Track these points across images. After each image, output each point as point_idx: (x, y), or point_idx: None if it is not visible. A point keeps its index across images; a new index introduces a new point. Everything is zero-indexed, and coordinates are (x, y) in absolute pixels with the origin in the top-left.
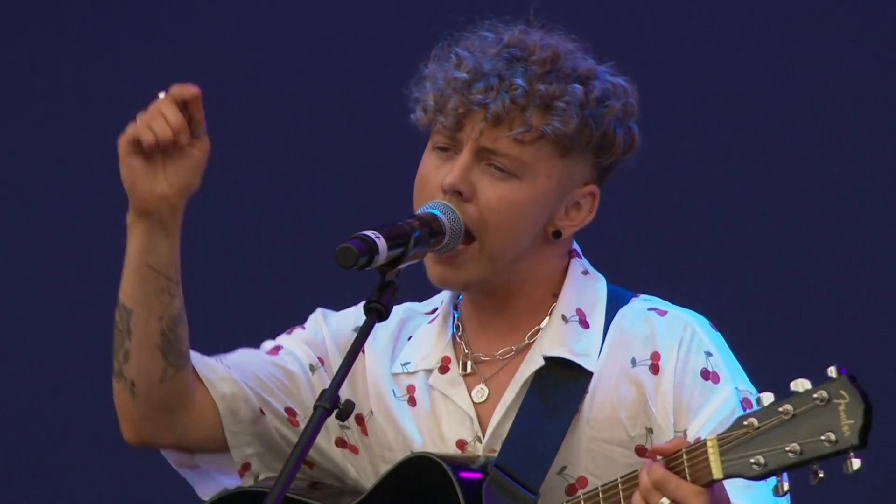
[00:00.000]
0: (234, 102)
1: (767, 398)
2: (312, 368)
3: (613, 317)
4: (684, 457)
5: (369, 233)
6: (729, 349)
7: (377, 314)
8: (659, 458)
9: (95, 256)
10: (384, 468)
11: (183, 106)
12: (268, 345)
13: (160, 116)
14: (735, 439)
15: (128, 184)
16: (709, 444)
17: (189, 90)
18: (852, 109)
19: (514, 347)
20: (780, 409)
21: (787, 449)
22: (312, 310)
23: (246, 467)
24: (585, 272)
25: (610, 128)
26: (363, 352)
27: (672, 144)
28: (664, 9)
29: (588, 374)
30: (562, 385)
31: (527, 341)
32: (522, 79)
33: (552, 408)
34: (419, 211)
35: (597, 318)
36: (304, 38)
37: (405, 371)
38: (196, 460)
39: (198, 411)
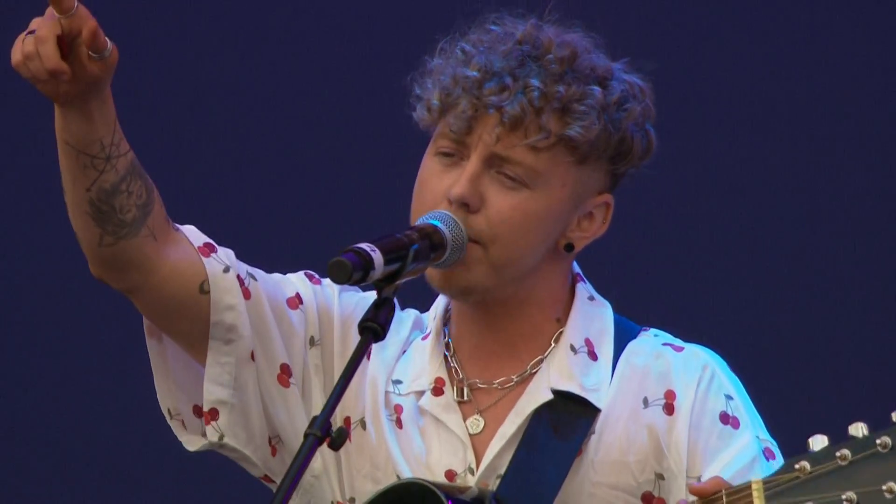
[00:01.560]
0: (225, 105)
1: (821, 441)
2: (312, 342)
3: (622, 350)
4: (724, 499)
5: (364, 245)
6: (748, 396)
7: (372, 334)
8: (693, 499)
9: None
10: (360, 483)
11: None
12: (289, 286)
13: (36, 57)
14: (783, 483)
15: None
16: (753, 486)
17: (75, 22)
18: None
19: (514, 377)
20: (838, 455)
21: (844, 498)
22: None
23: (213, 413)
24: (591, 298)
25: (628, 133)
26: (367, 357)
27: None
28: (677, 7)
29: (595, 412)
30: (567, 421)
31: (528, 371)
32: (538, 79)
33: (555, 446)
34: (419, 222)
35: (605, 349)
36: (299, 36)
37: (396, 392)
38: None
39: (170, 289)
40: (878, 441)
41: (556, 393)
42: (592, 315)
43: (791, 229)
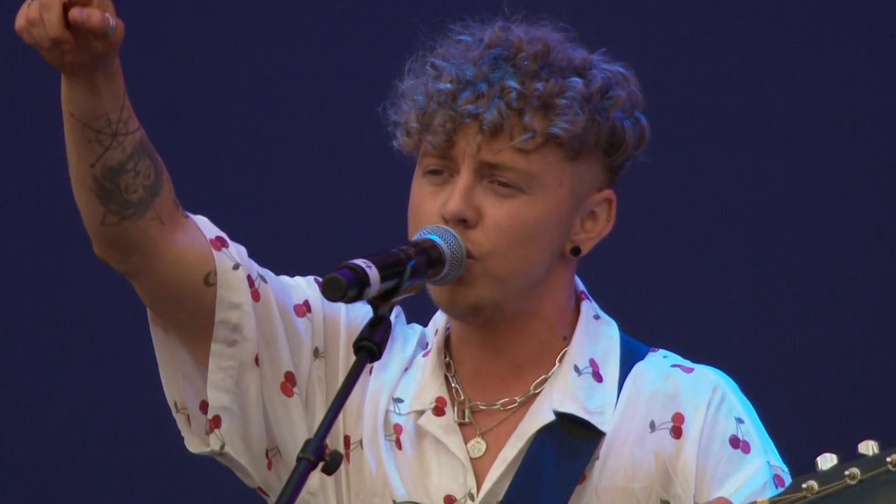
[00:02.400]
0: (230, 106)
1: (830, 460)
2: (317, 353)
3: (628, 372)
4: None
5: (359, 261)
6: (759, 420)
7: (368, 354)
8: None
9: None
10: None
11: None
12: (298, 291)
13: (39, 23)
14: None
15: None
16: None
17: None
18: None
19: (517, 399)
20: (847, 473)
21: None
22: None
23: (217, 421)
24: (597, 316)
25: (618, 121)
26: (369, 371)
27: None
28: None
29: (600, 436)
30: (569, 445)
31: (532, 391)
32: (514, 79)
33: (557, 471)
34: (416, 237)
35: (610, 370)
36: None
37: (396, 410)
38: (169, 334)
39: (175, 274)
40: (888, 460)
41: (559, 415)
42: (598, 334)
43: (801, 242)
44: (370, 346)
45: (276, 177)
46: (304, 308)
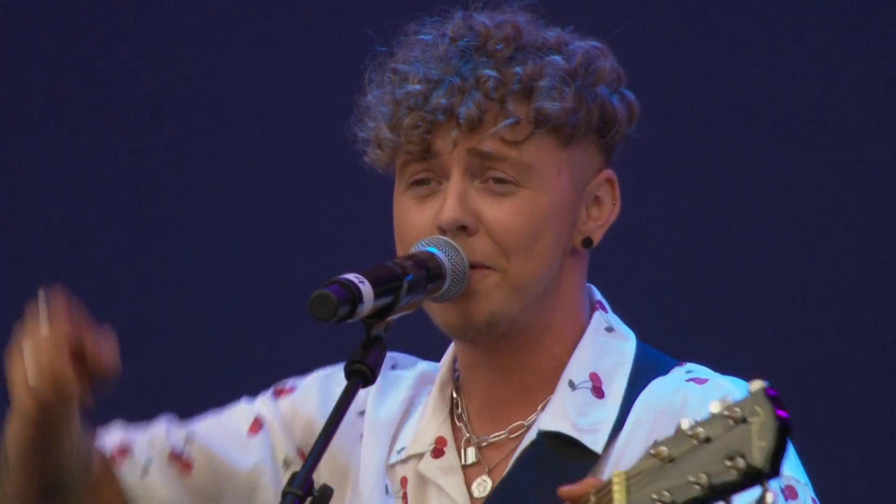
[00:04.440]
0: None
1: (685, 424)
2: (287, 463)
3: (643, 387)
4: (592, 499)
5: (351, 276)
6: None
7: (361, 378)
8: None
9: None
10: None
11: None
12: (245, 412)
13: (34, 364)
14: (643, 472)
15: None
16: (615, 479)
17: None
18: None
19: (524, 422)
20: (691, 433)
21: (692, 479)
22: (285, 366)
23: None
24: (610, 329)
25: (606, 98)
26: (361, 435)
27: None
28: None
29: (594, 457)
30: (556, 468)
31: (539, 410)
32: (488, 68)
33: (541, 497)
34: (413, 249)
35: (615, 387)
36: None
37: (400, 459)
38: None
39: None
40: (726, 414)
41: (545, 434)
42: (607, 348)
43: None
44: (363, 369)
45: (263, 179)
46: (257, 426)
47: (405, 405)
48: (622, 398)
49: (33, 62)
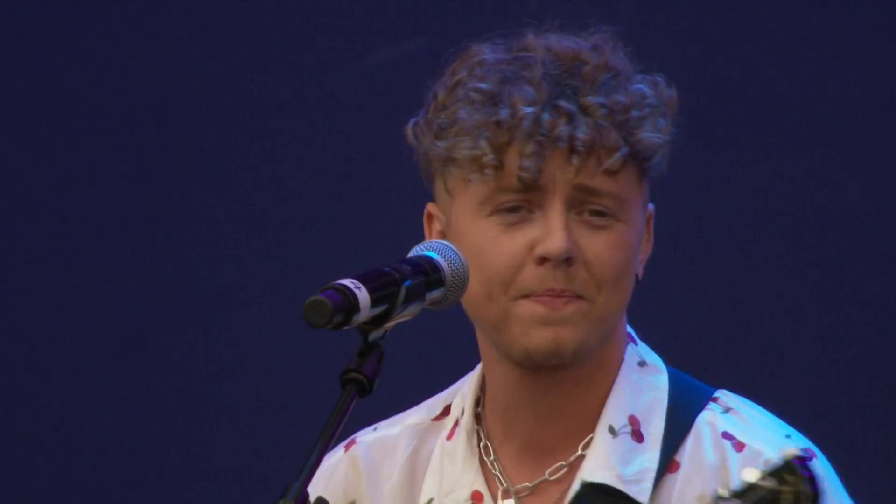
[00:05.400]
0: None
1: (722, 492)
2: None
3: (683, 427)
4: None
5: (347, 282)
6: (843, 490)
7: (357, 387)
8: None
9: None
10: None
11: None
12: None
13: None
14: None
15: None
16: None
17: None
18: None
19: (564, 463)
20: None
21: None
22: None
23: None
24: (643, 363)
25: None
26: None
27: None
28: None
29: None
30: None
31: (579, 452)
32: (592, 95)
33: None
34: (411, 254)
35: (653, 429)
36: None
37: None
38: None
39: None
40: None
41: (589, 486)
42: (641, 386)
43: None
44: (359, 378)
45: (265, 183)
46: None
47: (411, 461)
48: (661, 441)
49: (33, 63)
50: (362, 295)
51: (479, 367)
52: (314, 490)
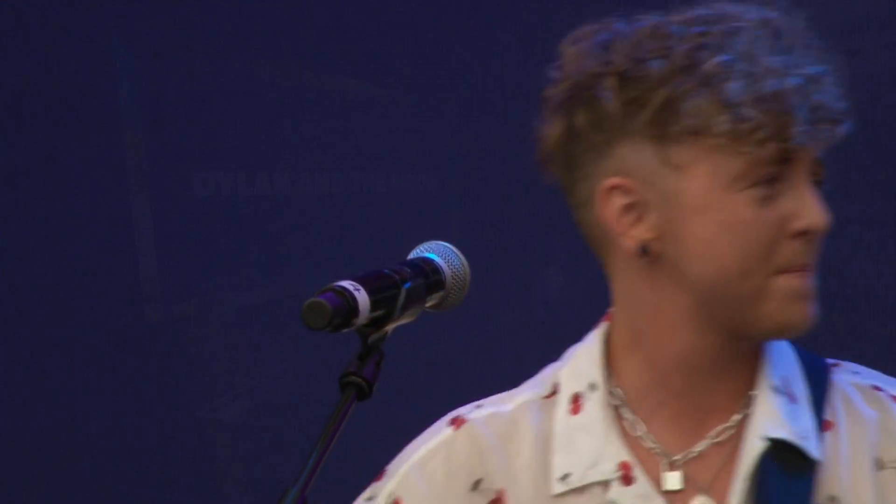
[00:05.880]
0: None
1: None
2: None
3: (821, 388)
4: None
5: (346, 283)
6: None
7: (356, 391)
8: None
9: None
10: None
11: None
12: None
13: None
14: None
15: None
16: None
17: None
18: None
19: (728, 424)
20: None
21: None
22: (287, 368)
23: None
24: None
25: None
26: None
27: None
28: None
29: (811, 465)
30: (787, 481)
31: (742, 413)
32: (826, 65)
33: None
34: (411, 255)
35: (800, 390)
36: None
37: (570, 487)
38: None
39: None
40: None
41: (767, 441)
42: (779, 349)
43: None
44: (358, 381)
45: (264, 184)
46: None
47: (540, 436)
48: (809, 401)
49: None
50: (361, 297)
51: (591, 347)
52: (430, 473)
